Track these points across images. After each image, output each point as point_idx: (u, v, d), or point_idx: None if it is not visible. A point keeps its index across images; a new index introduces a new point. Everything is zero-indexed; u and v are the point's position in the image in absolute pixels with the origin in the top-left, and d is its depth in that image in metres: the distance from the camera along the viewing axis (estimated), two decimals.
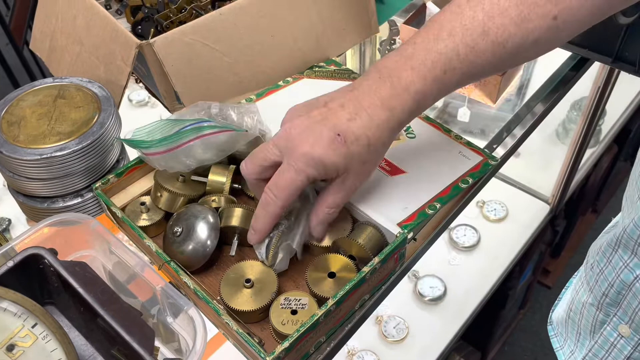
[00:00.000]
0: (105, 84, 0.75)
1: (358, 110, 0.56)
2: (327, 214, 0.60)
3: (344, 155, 0.56)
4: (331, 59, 0.87)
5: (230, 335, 0.59)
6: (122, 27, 0.74)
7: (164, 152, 0.65)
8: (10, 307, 0.44)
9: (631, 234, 0.59)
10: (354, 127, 0.56)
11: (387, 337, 1.35)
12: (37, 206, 0.70)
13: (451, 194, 0.68)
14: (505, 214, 1.57)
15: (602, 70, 1.28)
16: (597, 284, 0.67)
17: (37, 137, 0.67)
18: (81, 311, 0.49)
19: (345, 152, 0.56)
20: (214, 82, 0.77)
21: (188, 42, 0.73)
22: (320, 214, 0.60)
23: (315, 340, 0.59)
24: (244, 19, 0.77)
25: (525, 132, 0.87)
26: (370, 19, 0.88)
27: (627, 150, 2.11)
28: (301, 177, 0.56)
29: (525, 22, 0.54)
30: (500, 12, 0.54)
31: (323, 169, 0.56)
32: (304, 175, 0.56)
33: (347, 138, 0.56)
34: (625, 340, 0.65)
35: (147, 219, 0.68)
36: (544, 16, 0.54)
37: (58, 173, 0.67)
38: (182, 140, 0.64)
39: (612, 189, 2.18)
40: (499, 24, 0.54)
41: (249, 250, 0.67)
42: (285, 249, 0.62)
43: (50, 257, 0.48)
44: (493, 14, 0.55)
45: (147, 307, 0.58)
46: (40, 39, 0.89)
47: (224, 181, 0.69)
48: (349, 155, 0.56)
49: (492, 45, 0.55)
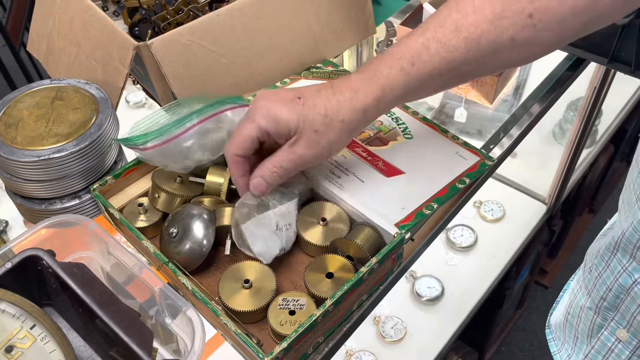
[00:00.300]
0: (102, 86, 0.75)
1: (325, 88, 0.60)
2: (270, 172, 0.61)
3: (297, 114, 0.58)
4: (328, 60, 0.87)
5: (228, 336, 0.59)
6: (120, 28, 0.74)
7: (162, 144, 0.65)
8: (8, 308, 0.44)
9: (630, 238, 0.59)
10: (316, 97, 0.59)
11: (385, 337, 1.36)
12: (35, 208, 0.70)
13: (448, 194, 0.68)
14: (502, 214, 1.57)
15: (598, 71, 1.29)
16: (596, 287, 0.67)
17: (35, 139, 0.67)
18: (80, 312, 0.49)
19: (300, 111, 0.58)
20: (211, 83, 0.78)
21: (185, 43, 0.74)
22: (265, 169, 0.61)
23: (314, 340, 0.59)
24: (241, 20, 0.77)
25: (522, 133, 0.87)
26: (368, 20, 0.89)
27: (624, 150, 2.12)
28: (253, 125, 0.59)
29: (499, 19, 0.55)
30: (474, 10, 0.56)
31: (275, 122, 0.58)
32: (256, 125, 0.59)
33: (306, 102, 0.59)
34: (623, 345, 0.65)
35: (145, 220, 0.68)
36: (518, 13, 0.54)
37: (56, 175, 0.67)
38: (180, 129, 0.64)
39: (608, 189, 2.19)
40: (472, 20, 0.56)
41: None
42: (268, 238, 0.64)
43: (48, 258, 0.48)
44: (467, 12, 0.56)
45: (146, 308, 0.58)
46: (37, 41, 0.89)
47: (221, 182, 0.70)
48: (303, 116, 0.58)
49: (464, 41, 0.56)
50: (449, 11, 0.57)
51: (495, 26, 0.55)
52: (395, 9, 1.05)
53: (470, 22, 0.56)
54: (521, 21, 0.54)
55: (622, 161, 2.21)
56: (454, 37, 0.56)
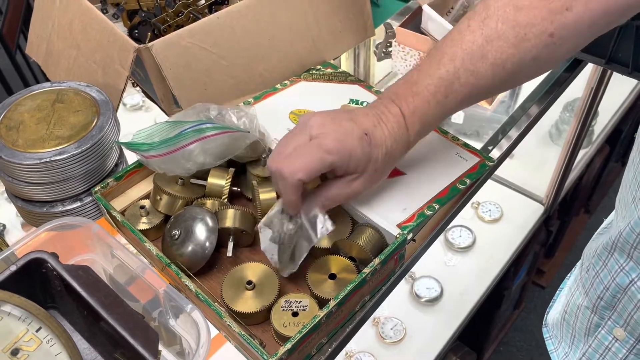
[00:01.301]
0: (102, 88, 0.75)
1: (379, 122, 0.60)
2: (322, 204, 0.61)
3: (368, 155, 0.58)
4: (328, 62, 0.87)
5: (232, 337, 0.59)
6: (120, 31, 0.74)
7: (164, 154, 0.65)
8: (14, 311, 0.44)
9: (627, 238, 0.60)
10: (378, 133, 0.59)
11: (385, 338, 1.36)
12: (36, 211, 0.70)
13: (449, 195, 0.68)
14: (500, 215, 1.58)
15: (595, 72, 1.29)
16: (593, 287, 0.67)
17: (36, 142, 0.67)
18: (84, 315, 0.49)
19: (369, 152, 0.58)
20: (211, 85, 0.78)
21: (186, 45, 0.74)
22: (318, 200, 0.60)
23: (317, 341, 0.59)
24: (241, 22, 0.77)
25: (521, 134, 0.88)
26: (366, 22, 0.89)
27: (619, 151, 2.13)
28: (325, 157, 0.56)
29: (523, 42, 0.57)
30: (498, 36, 0.57)
31: (348, 161, 0.58)
32: (329, 158, 0.56)
33: (373, 140, 0.59)
34: (620, 344, 0.65)
35: (146, 222, 0.68)
36: (540, 34, 0.56)
37: (57, 177, 0.67)
38: (182, 143, 0.64)
39: (604, 189, 2.20)
40: (497, 46, 0.57)
41: (246, 250, 0.68)
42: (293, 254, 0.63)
43: (53, 261, 0.48)
44: (491, 38, 0.57)
45: (149, 310, 0.58)
46: (36, 44, 0.89)
47: (223, 184, 0.70)
48: (369, 156, 0.59)
49: (491, 67, 0.58)
50: (473, 36, 0.58)
51: (519, 49, 0.57)
52: (394, 11, 1.05)
53: (496, 49, 0.57)
54: (543, 42, 0.56)
55: (618, 161, 2.22)
56: (482, 65, 0.58)
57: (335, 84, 0.84)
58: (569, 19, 0.55)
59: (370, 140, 0.58)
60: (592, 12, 0.55)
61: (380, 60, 0.96)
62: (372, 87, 0.83)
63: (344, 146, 0.57)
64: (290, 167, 0.56)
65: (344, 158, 0.57)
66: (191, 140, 0.64)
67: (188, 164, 0.66)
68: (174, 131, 0.65)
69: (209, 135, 0.64)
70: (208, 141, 0.64)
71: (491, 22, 0.57)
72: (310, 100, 0.80)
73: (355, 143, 0.57)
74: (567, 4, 0.55)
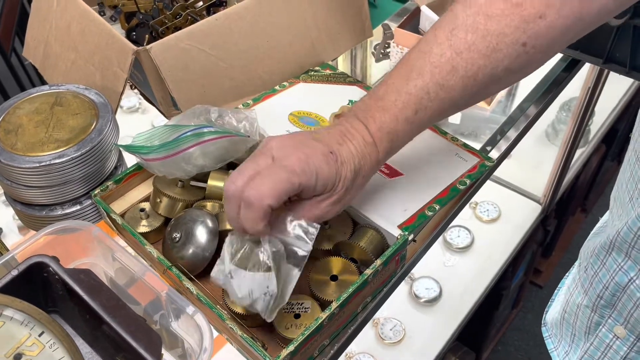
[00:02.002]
0: (101, 91, 0.75)
1: (344, 140, 0.57)
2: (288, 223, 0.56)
3: (335, 172, 0.55)
4: (326, 63, 0.87)
5: (234, 340, 0.59)
6: (118, 33, 0.74)
7: (164, 158, 0.65)
8: (16, 315, 0.43)
9: (625, 237, 0.60)
10: (344, 152, 0.56)
11: (384, 339, 1.36)
12: (36, 214, 0.69)
13: (450, 195, 0.68)
14: (498, 215, 1.58)
15: (592, 71, 1.30)
16: (592, 286, 0.68)
17: (35, 145, 0.67)
18: (86, 319, 0.49)
19: (336, 170, 0.55)
20: (210, 87, 0.78)
21: (184, 47, 0.74)
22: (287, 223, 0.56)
23: (320, 343, 0.59)
24: (239, 24, 0.77)
25: (520, 134, 0.88)
26: (364, 23, 0.89)
27: (615, 150, 2.14)
28: (293, 179, 0.52)
29: (495, 52, 0.54)
30: (467, 47, 0.54)
31: (315, 179, 0.54)
32: (296, 180, 0.52)
33: (339, 158, 0.55)
34: (621, 341, 0.65)
35: (147, 225, 0.68)
36: (512, 44, 0.54)
37: (57, 180, 0.66)
38: (182, 147, 0.64)
39: (600, 188, 2.21)
40: (467, 57, 0.54)
41: None
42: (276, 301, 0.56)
43: (55, 265, 0.48)
44: (461, 50, 0.54)
45: (150, 313, 0.58)
46: (33, 46, 0.89)
47: (222, 186, 0.69)
48: (338, 175, 0.55)
49: (462, 80, 0.55)
50: (441, 49, 0.55)
51: (490, 60, 0.54)
52: (391, 12, 1.06)
53: (466, 60, 0.55)
54: (515, 51, 0.54)
55: (614, 160, 2.23)
56: (451, 78, 0.55)
57: (334, 85, 0.84)
58: (541, 27, 0.53)
59: (336, 158, 0.55)
60: (566, 19, 0.53)
61: (378, 61, 0.96)
62: (370, 88, 0.83)
63: (309, 166, 0.53)
64: (257, 192, 0.51)
65: (311, 177, 0.53)
66: (191, 143, 0.64)
67: (188, 167, 0.66)
68: (173, 134, 0.65)
69: (209, 139, 0.64)
70: (208, 145, 0.64)
71: (460, 33, 0.54)
72: (309, 101, 0.80)
73: (320, 161, 0.54)
74: (540, 11, 0.52)
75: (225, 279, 0.56)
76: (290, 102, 0.80)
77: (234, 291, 0.55)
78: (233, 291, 0.55)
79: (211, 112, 0.68)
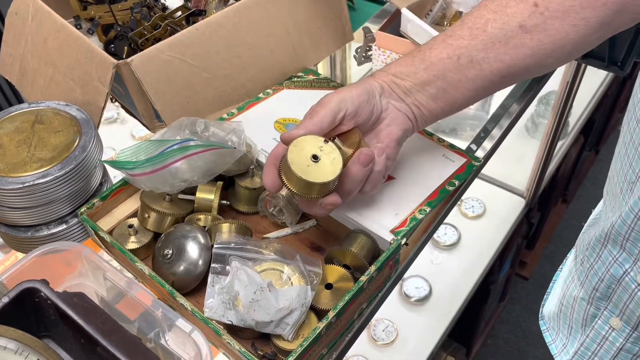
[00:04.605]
0: (82, 106, 0.73)
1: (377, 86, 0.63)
2: None
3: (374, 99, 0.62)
4: (309, 69, 0.87)
5: (232, 355, 0.59)
6: (97, 47, 0.73)
7: (150, 172, 0.64)
8: (10, 344, 0.42)
9: (619, 230, 0.61)
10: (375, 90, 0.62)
11: (377, 340, 1.36)
12: (21, 235, 0.68)
13: (439, 197, 0.68)
14: (483, 211, 1.59)
15: (570, 66, 1.32)
16: (588, 278, 0.68)
17: (18, 165, 0.65)
18: (81, 342, 0.48)
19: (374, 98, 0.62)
20: (194, 98, 0.77)
21: (166, 59, 0.73)
22: None
23: (318, 353, 0.59)
24: (220, 33, 0.76)
25: (504, 132, 0.89)
26: (345, 27, 0.89)
27: (592, 140, 2.17)
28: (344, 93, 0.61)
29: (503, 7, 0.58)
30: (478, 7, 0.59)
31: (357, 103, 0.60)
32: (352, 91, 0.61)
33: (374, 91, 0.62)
34: (616, 333, 0.66)
35: (136, 241, 0.67)
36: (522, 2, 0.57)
37: (41, 200, 0.65)
38: (168, 161, 0.63)
39: (579, 178, 2.24)
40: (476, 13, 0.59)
41: None
42: None
43: (46, 289, 0.46)
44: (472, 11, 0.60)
45: (145, 331, 0.57)
46: (9, 63, 0.87)
47: (211, 198, 0.69)
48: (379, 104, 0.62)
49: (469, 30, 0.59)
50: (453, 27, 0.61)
51: (500, 15, 0.57)
52: (371, 14, 1.06)
53: (475, 15, 0.59)
54: (527, 9, 0.56)
55: (591, 150, 2.27)
56: (458, 27, 0.60)
57: (318, 91, 0.83)
58: None
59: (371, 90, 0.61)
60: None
61: (360, 64, 0.96)
62: None
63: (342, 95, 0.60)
64: None
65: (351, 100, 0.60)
66: (177, 157, 0.63)
67: (175, 181, 0.65)
68: (159, 149, 0.64)
69: (195, 153, 0.63)
70: (194, 158, 0.63)
71: None
72: (293, 108, 0.80)
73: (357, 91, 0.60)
74: None
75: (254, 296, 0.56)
76: (275, 110, 0.80)
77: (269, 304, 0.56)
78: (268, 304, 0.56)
79: (197, 124, 0.67)
